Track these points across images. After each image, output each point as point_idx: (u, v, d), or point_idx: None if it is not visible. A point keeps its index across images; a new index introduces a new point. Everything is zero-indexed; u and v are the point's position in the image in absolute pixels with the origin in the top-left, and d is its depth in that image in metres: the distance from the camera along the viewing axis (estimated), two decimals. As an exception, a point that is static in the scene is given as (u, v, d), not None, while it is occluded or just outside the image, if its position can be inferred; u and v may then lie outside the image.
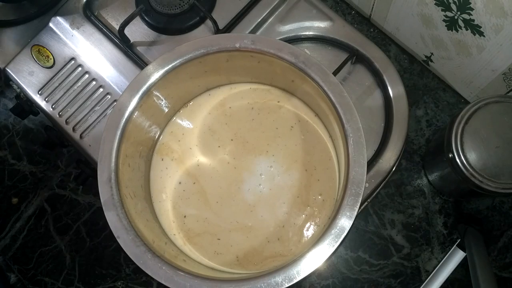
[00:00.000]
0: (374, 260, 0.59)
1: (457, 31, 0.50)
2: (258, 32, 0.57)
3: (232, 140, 0.51)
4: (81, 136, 0.55)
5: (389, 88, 0.53)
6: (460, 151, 0.46)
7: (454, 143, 0.46)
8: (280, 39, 0.55)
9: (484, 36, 0.47)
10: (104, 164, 0.43)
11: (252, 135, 0.51)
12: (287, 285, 0.37)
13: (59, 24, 0.58)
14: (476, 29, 0.47)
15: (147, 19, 0.57)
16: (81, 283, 0.65)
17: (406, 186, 0.60)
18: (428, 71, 0.63)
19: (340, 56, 0.54)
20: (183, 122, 0.52)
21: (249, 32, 0.56)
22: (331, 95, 0.42)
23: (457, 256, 0.57)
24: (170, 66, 0.45)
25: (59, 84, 0.57)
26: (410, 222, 0.60)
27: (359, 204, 0.39)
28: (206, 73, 0.49)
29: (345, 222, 0.38)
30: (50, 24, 0.58)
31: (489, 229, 0.59)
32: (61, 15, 0.58)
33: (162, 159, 0.51)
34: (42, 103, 0.57)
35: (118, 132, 0.44)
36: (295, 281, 0.38)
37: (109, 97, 0.56)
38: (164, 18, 0.57)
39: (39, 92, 0.57)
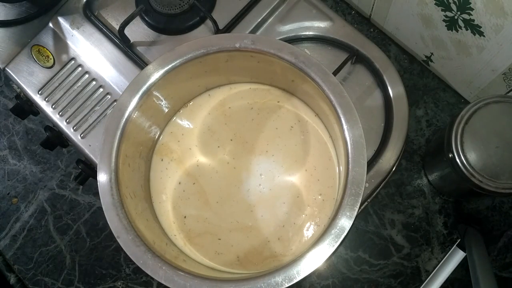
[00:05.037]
0: (374, 260, 0.59)
1: (457, 31, 0.50)
2: (258, 32, 0.57)
3: (231, 140, 0.51)
4: (81, 136, 0.55)
5: (389, 88, 0.53)
6: (460, 151, 0.46)
7: (454, 143, 0.46)
8: (280, 39, 0.55)
9: (484, 36, 0.47)
10: (104, 164, 0.43)
11: (251, 135, 0.51)
12: (287, 285, 0.37)
13: (59, 24, 0.58)
14: (476, 29, 0.47)
15: (147, 19, 0.57)
16: (81, 283, 0.65)
17: (406, 186, 0.60)
18: (428, 71, 0.63)
19: (340, 56, 0.54)
20: (182, 122, 0.52)
21: (249, 32, 0.56)
22: (331, 95, 0.42)
23: (457, 256, 0.57)
24: (170, 66, 0.45)
25: (59, 84, 0.57)
26: (410, 222, 0.60)
27: (359, 204, 0.39)
28: (206, 73, 0.49)
29: (345, 222, 0.38)
30: (50, 24, 0.58)
31: (489, 229, 0.59)
32: (61, 15, 0.58)
33: (162, 160, 0.51)
34: (42, 103, 0.57)
35: (118, 132, 0.44)
36: (295, 281, 0.38)
37: (109, 97, 0.56)
38: (164, 18, 0.57)
39: (39, 92, 0.57)
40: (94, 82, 0.56)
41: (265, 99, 0.52)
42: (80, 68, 0.57)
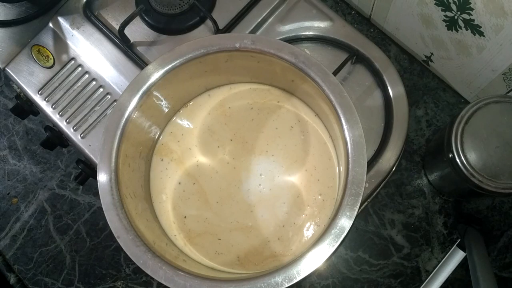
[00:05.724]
0: (374, 260, 0.59)
1: (457, 31, 0.50)
2: (258, 32, 0.57)
3: (231, 140, 0.51)
4: (81, 136, 0.55)
5: (389, 88, 0.53)
6: (460, 151, 0.46)
7: (454, 143, 0.46)
8: (280, 39, 0.55)
9: (484, 36, 0.47)
10: (104, 164, 0.43)
11: (251, 135, 0.51)
12: (287, 285, 0.37)
13: (59, 24, 0.58)
14: (476, 29, 0.47)
15: (147, 19, 0.57)
16: (81, 283, 0.65)
17: (406, 186, 0.60)
18: (428, 71, 0.63)
19: (340, 56, 0.54)
20: (182, 122, 0.52)
21: (249, 32, 0.56)
22: (331, 95, 0.42)
23: (457, 256, 0.57)
24: (170, 66, 0.45)
25: (59, 84, 0.57)
26: (410, 222, 0.60)
27: (359, 204, 0.39)
28: (206, 73, 0.49)
29: (345, 222, 0.38)
30: (50, 24, 0.58)
31: (489, 229, 0.59)
32: (61, 15, 0.58)
33: (162, 160, 0.51)
34: (42, 103, 0.57)
35: (118, 132, 0.44)
36: (295, 281, 0.38)
37: (109, 97, 0.56)
38: (164, 18, 0.57)
39: (39, 92, 0.57)
40: (94, 82, 0.56)
41: (265, 99, 0.52)
42: (80, 68, 0.57)
